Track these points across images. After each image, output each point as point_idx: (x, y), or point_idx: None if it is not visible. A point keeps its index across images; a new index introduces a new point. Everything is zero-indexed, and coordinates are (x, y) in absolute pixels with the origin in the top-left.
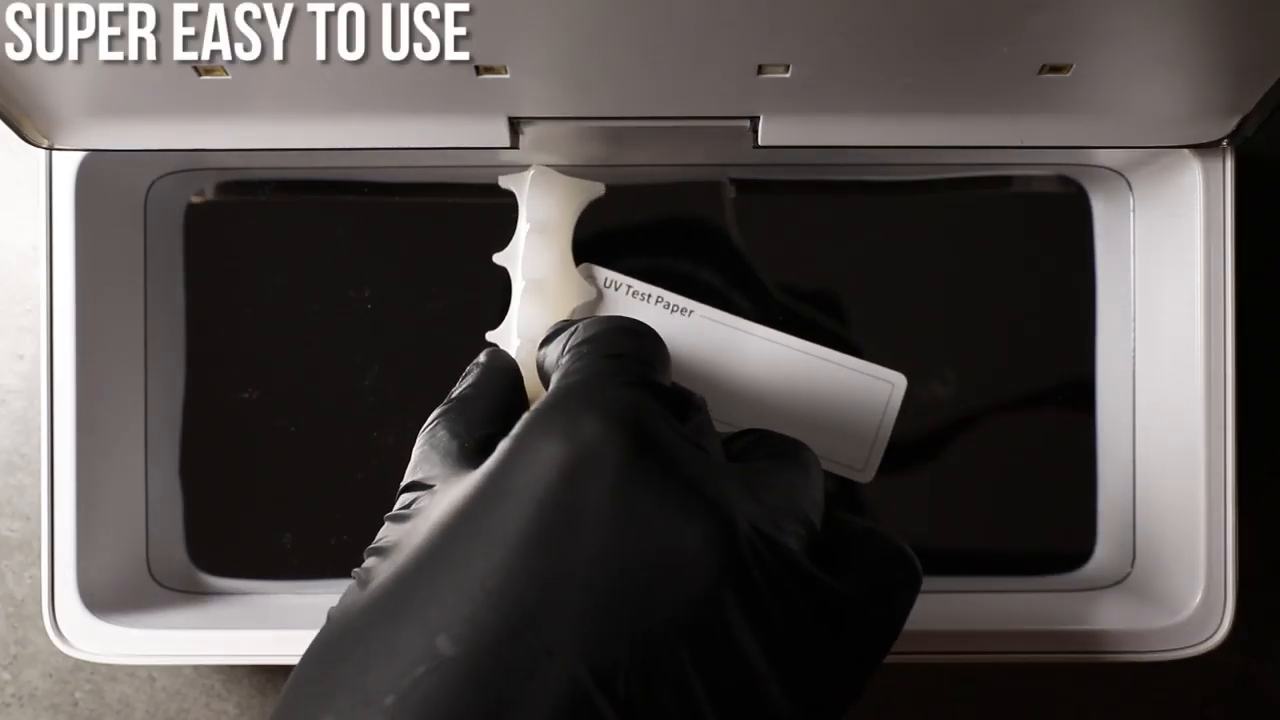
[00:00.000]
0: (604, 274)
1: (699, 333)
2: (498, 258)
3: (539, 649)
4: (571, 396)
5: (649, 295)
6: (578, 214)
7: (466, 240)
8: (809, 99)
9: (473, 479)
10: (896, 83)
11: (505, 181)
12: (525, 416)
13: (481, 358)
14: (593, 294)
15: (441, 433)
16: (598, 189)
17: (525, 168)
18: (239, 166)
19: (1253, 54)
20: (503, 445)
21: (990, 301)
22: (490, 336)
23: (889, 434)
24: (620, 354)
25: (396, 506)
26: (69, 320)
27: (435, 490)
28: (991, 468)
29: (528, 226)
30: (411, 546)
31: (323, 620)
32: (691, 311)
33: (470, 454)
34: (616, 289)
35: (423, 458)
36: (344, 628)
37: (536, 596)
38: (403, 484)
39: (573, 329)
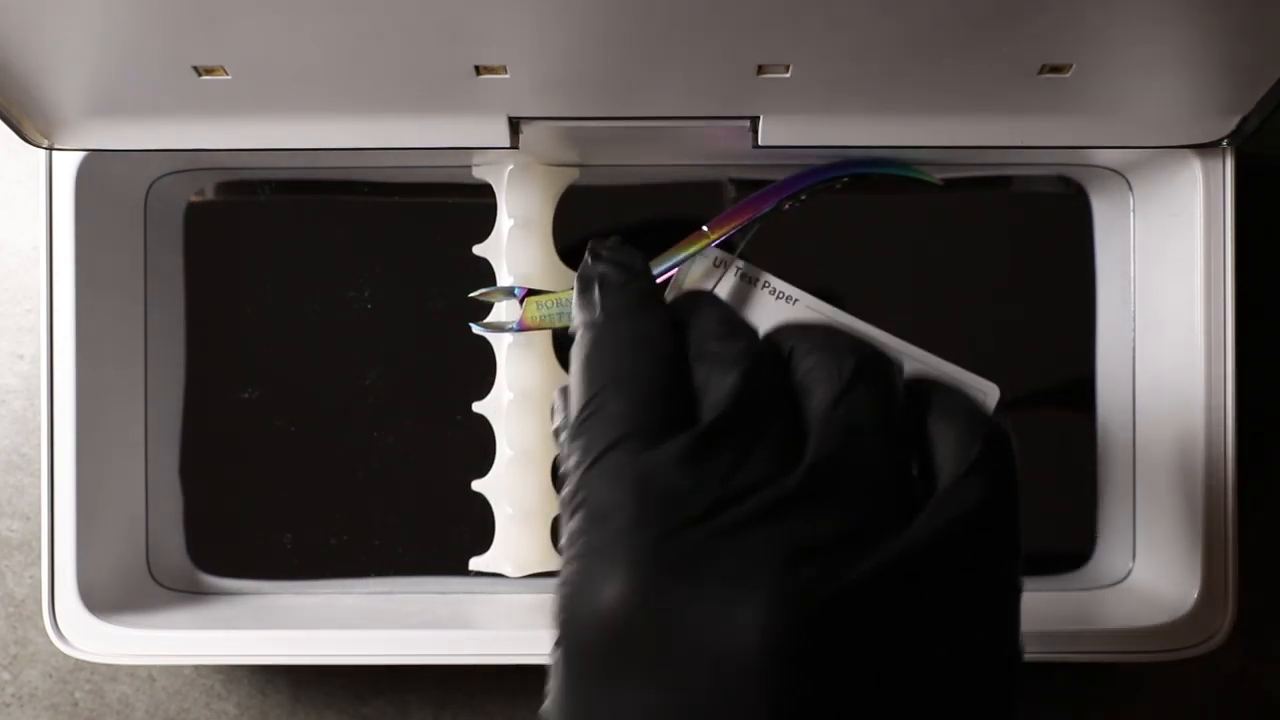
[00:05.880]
0: (715, 252)
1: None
2: (478, 249)
3: None
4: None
5: (756, 279)
6: (555, 201)
7: (466, 240)
8: (809, 99)
9: None
10: (896, 83)
11: (479, 171)
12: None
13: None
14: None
15: None
16: (572, 174)
17: (500, 157)
18: (239, 166)
19: (1253, 54)
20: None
21: (990, 301)
22: (476, 329)
23: None
24: (595, 412)
25: None
26: (69, 320)
27: None
28: None
29: (511, 222)
30: None
31: (321, 619)
32: (796, 300)
33: None
34: (726, 268)
35: None
36: None
37: None
38: None
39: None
